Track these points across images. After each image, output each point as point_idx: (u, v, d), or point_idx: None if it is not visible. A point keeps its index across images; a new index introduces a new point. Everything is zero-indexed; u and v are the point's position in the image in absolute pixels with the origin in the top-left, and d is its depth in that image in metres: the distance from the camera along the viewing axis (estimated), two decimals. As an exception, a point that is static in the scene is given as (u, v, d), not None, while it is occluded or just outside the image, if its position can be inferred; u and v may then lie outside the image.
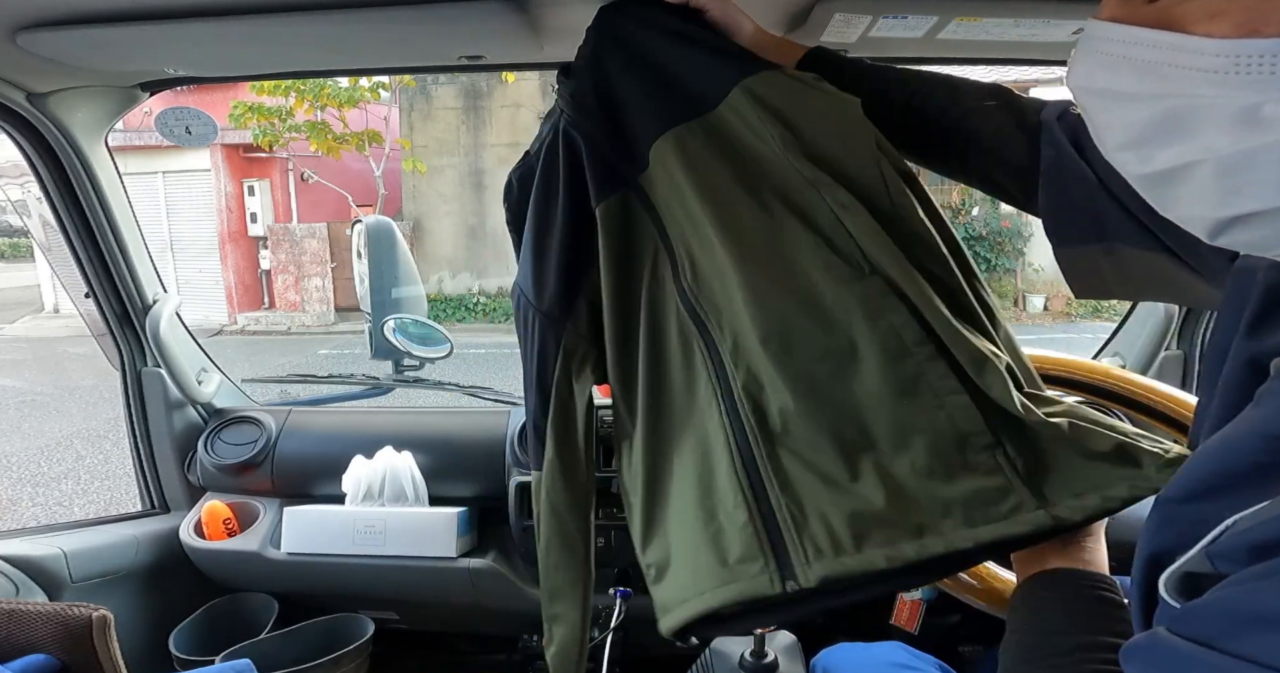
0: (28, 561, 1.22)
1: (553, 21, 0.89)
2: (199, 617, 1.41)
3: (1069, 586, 0.53)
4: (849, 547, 0.53)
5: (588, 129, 0.70)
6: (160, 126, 1.36)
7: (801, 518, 0.55)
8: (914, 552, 0.52)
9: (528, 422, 0.75)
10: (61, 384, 6.82)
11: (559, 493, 0.73)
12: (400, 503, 1.38)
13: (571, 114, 0.71)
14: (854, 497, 0.55)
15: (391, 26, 0.86)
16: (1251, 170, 0.30)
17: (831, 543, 0.53)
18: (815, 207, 0.61)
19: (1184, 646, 0.29)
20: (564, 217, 0.70)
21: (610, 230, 0.69)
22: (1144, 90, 0.33)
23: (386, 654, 1.56)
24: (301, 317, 9.73)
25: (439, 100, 9.98)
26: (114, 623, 0.97)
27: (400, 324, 1.61)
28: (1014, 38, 0.89)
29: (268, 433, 1.50)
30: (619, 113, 0.70)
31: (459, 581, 1.34)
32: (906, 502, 0.54)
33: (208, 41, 0.91)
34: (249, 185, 9.93)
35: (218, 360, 1.61)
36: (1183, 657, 0.29)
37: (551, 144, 0.72)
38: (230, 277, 9.87)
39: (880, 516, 0.53)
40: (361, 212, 9.28)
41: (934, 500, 0.54)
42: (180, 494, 1.53)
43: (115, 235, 1.32)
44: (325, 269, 9.66)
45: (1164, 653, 0.30)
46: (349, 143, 8.78)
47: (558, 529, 0.74)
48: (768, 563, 0.54)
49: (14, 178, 1.69)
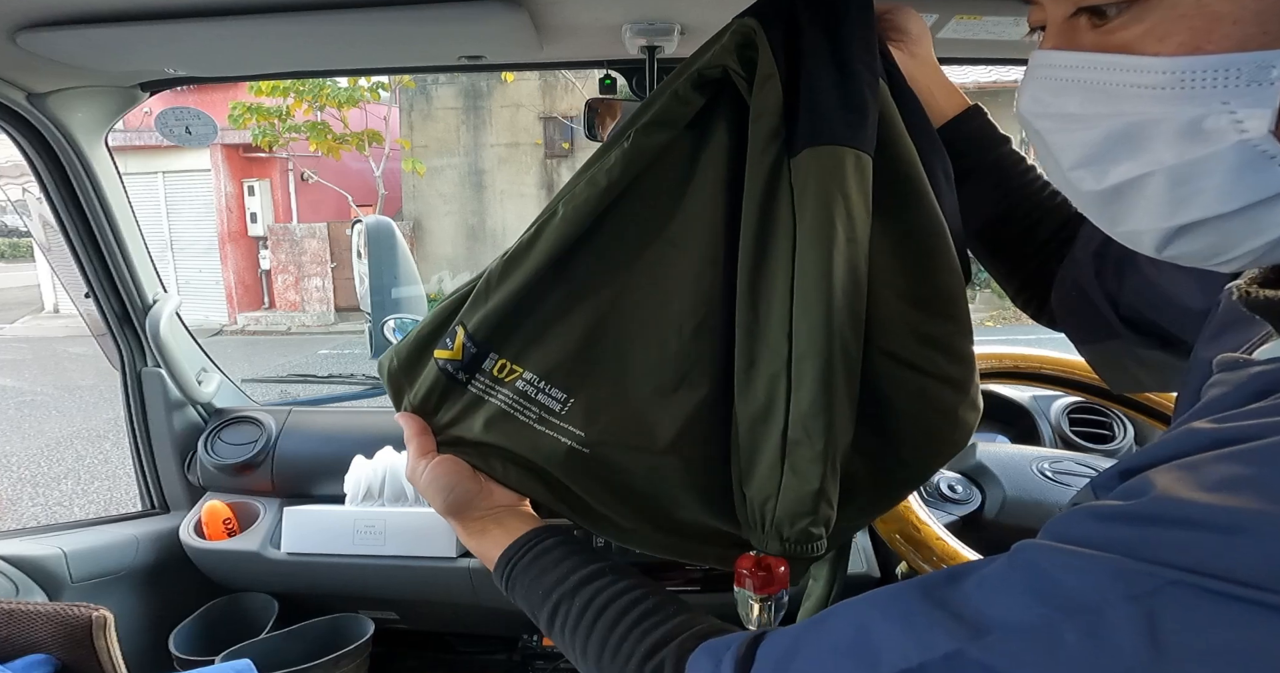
0: (28, 561, 1.22)
1: (553, 21, 0.89)
2: (199, 617, 1.41)
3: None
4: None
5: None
6: (160, 126, 1.36)
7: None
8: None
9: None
10: (61, 384, 6.82)
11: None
12: (400, 503, 1.38)
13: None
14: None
15: (391, 26, 0.86)
16: (1197, 180, 0.32)
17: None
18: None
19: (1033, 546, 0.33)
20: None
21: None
22: (1095, 111, 0.35)
23: (386, 654, 1.56)
24: (301, 317, 9.74)
25: (439, 100, 9.99)
26: (114, 623, 0.97)
27: (400, 324, 1.61)
28: (1014, 37, 0.89)
29: (268, 433, 1.50)
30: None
31: (459, 581, 1.34)
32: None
33: (208, 41, 0.91)
34: (249, 185, 9.94)
35: (218, 360, 1.61)
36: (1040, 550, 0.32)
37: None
38: (230, 277, 9.87)
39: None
40: (361, 212, 9.29)
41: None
42: (180, 494, 1.53)
43: (115, 235, 1.32)
44: (325, 269, 9.67)
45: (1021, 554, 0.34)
46: (349, 143, 8.79)
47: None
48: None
49: (14, 178, 1.69)
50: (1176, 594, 0.26)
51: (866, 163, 0.54)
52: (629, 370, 0.57)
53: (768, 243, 0.54)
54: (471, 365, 0.59)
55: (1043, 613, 0.30)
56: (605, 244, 0.57)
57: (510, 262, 0.57)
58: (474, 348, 0.58)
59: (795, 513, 0.52)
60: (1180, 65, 0.31)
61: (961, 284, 0.57)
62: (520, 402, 0.58)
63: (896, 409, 0.56)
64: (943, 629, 0.32)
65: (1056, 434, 1.46)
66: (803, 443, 0.52)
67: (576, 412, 0.57)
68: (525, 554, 0.56)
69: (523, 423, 0.58)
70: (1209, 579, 0.26)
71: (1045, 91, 0.38)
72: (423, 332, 0.62)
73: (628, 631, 0.49)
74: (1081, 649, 0.28)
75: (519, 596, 0.56)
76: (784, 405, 0.52)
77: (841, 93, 0.54)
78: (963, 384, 0.57)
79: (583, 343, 0.57)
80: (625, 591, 0.51)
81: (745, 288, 0.55)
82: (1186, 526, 0.27)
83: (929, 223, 0.56)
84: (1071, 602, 0.29)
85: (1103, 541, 0.29)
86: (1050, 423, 1.48)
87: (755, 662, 0.41)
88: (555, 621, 0.53)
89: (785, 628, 0.42)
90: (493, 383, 0.59)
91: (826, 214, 0.51)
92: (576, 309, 0.57)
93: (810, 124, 0.53)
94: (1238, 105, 0.30)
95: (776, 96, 0.54)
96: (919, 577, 0.38)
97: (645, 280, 0.57)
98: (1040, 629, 0.29)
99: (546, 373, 0.57)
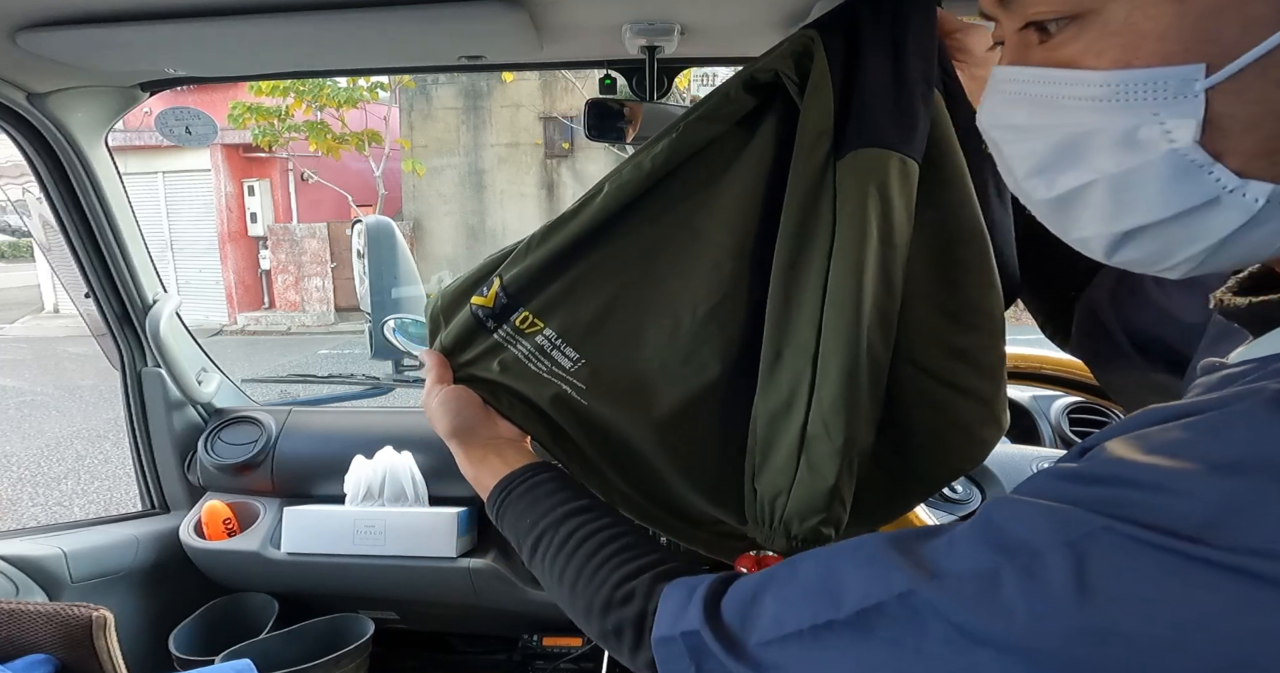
0: (28, 561, 1.22)
1: (553, 21, 0.89)
2: (199, 617, 1.41)
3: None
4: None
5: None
6: (160, 126, 1.36)
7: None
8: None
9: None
10: (61, 384, 6.82)
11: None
12: (400, 503, 1.38)
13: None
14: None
15: (391, 26, 0.86)
16: (1135, 188, 0.34)
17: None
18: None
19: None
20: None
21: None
22: (1042, 122, 0.37)
23: (386, 654, 1.56)
24: (301, 317, 9.74)
25: (439, 100, 9.99)
26: (114, 623, 0.97)
27: (400, 324, 1.61)
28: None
29: (268, 433, 1.50)
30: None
31: (459, 581, 1.34)
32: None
33: (208, 41, 0.91)
34: (249, 185, 9.94)
35: (218, 360, 1.61)
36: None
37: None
38: (230, 277, 9.87)
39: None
40: (361, 211, 9.29)
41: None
42: (180, 494, 1.53)
43: (115, 235, 1.32)
44: (325, 269, 9.67)
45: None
46: (349, 143, 8.79)
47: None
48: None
49: (14, 178, 1.69)
50: (1106, 540, 0.29)
51: (913, 168, 0.54)
52: (640, 342, 0.60)
53: (806, 240, 0.56)
54: (500, 316, 0.63)
55: (989, 558, 0.32)
56: (639, 223, 0.60)
57: (551, 228, 0.61)
58: (505, 299, 0.62)
59: (807, 510, 0.53)
60: (1114, 79, 0.33)
61: (999, 299, 0.58)
62: (536, 354, 0.62)
63: (917, 420, 0.57)
64: (901, 573, 0.35)
65: (1056, 434, 1.47)
66: (821, 438, 0.53)
67: (584, 371, 0.61)
68: (520, 485, 0.59)
69: (534, 372, 0.62)
70: (1135, 528, 0.28)
71: (1000, 104, 0.40)
72: (467, 280, 0.67)
73: (605, 560, 0.51)
74: (1018, 591, 0.30)
75: (507, 523, 0.59)
76: (806, 400, 0.53)
77: (895, 99, 0.55)
78: (987, 399, 0.57)
79: (602, 310, 0.60)
80: (608, 525, 0.54)
81: (779, 283, 0.56)
82: (1125, 483, 0.30)
83: (971, 235, 0.56)
84: (1015, 547, 0.31)
85: (1054, 495, 0.32)
86: (1050, 423, 1.48)
87: (726, 596, 0.43)
88: (539, 548, 0.55)
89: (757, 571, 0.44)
90: (515, 334, 0.63)
91: (864, 213, 0.52)
92: (601, 279, 0.60)
93: (859, 127, 0.55)
94: (1166, 116, 0.32)
95: (828, 100, 0.55)
96: (890, 531, 0.39)
97: (669, 261, 0.60)
98: (984, 573, 0.32)
99: (564, 332, 0.61)
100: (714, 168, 0.59)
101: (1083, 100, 0.34)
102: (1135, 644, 0.27)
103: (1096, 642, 0.28)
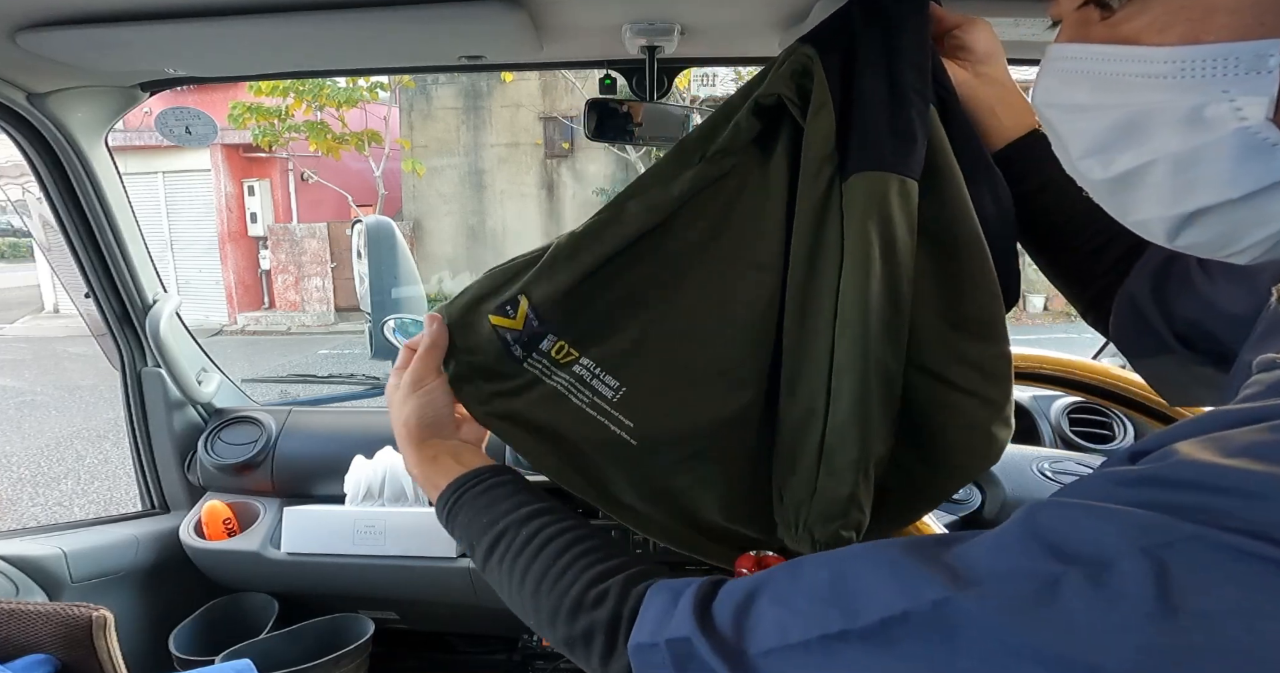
0: (28, 561, 1.22)
1: (553, 21, 0.89)
2: (199, 617, 1.41)
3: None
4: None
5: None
6: (160, 126, 1.36)
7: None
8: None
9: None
10: (61, 384, 6.82)
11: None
12: (400, 503, 1.38)
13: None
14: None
15: (391, 26, 0.86)
16: (1200, 167, 0.32)
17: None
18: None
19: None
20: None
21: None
22: (1102, 100, 0.36)
23: (386, 654, 1.56)
24: (301, 317, 9.74)
25: (439, 100, 9.99)
26: (114, 623, 0.97)
27: (400, 324, 1.61)
28: (1014, 38, 0.89)
29: (268, 433, 1.50)
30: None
31: (459, 581, 1.34)
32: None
33: (208, 41, 0.91)
34: (249, 185, 9.94)
35: (218, 360, 1.61)
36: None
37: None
38: (230, 277, 9.87)
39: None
40: (361, 211, 9.29)
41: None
42: (180, 494, 1.53)
43: (115, 235, 1.32)
44: (325, 269, 9.67)
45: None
46: (349, 143, 8.79)
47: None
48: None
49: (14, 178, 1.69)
50: (1193, 549, 0.26)
51: (911, 187, 0.56)
52: (680, 369, 0.59)
53: (816, 262, 0.57)
54: (530, 343, 0.59)
55: (1040, 563, 0.29)
56: (670, 243, 0.59)
57: (578, 246, 0.58)
58: (537, 322, 0.59)
59: (828, 516, 0.55)
60: (1181, 55, 0.32)
61: (1001, 307, 0.59)
62: (576, 385, 0.59)
63: (932, 424, 0.58)
64: (929, 580, 0.32)
65: (1056, 434, 1.46)
66: (838, 450, 0.55)
67: (626, 401, 0.59)
68: (477, 485, 0.56)
69: (575, 406, 0.59)
70: (1229, 534, 0.25)
71: (1057, 82, 0.39)
72: (476, 294, 0.62)
73: (573, 561, 0.49)
74: (1081, 601, 0.27)
75: (459, 524, 0.56)
76: (823, 415, 0.55)
77: (892, 119, 0.55)
78: (997, 403, 0.59)
79: (640, 337, 0.59)
80: (573, 527, 0.52)
81: (794, 304, 0.58)
82: (1209, 488, 0.27)
83: (970, 246, 0.57)
84: (1076, 553, 0.28)
85: (1119, 500, 0.29)
86: (1050, 423, 1.48)
87: (717, 600, 0.40)
88: (496, 549, 0.52)
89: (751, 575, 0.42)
90: (551, 365, 0.60)
91: (866, 236, 0.54)
92: (637, 303, 0.59)
93: (860, 150, 0.56)
94: (1237, 93, 0.31)
95: (829, 124, 0.56)
96: (903, 537, 0.38)
97: (700, 282, 0.59)
98: (1035, 578, 0.29)
99: (602, 360, 0.59)
100: (739, 193, 0.60)
101: (1146, 78, 0.34)
102: (1228, 662, 0.24)
103: (1179, 659, 0.25)
